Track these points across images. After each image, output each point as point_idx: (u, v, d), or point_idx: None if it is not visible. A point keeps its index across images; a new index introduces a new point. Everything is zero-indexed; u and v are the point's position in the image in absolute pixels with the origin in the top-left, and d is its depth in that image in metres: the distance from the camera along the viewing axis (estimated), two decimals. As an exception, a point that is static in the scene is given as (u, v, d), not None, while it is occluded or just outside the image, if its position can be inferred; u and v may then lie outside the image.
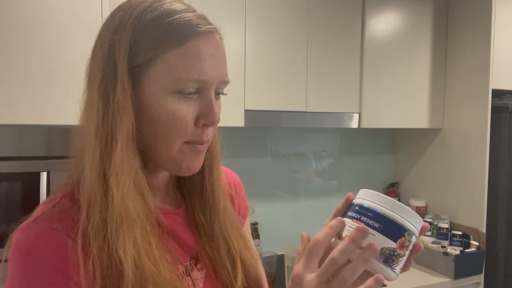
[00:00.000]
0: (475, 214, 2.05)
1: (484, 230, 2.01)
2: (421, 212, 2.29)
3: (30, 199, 1.27)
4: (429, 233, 2.13)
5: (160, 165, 0.59)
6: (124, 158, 0.52)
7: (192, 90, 0.54)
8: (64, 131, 1.32)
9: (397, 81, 2.09)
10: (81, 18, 1.33)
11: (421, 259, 2.04)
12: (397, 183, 2.53)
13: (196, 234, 0.65)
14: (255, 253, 0.70)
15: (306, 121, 1.89)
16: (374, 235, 0.50)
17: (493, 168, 2.03)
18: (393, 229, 0.50)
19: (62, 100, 1.31)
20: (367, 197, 0.53)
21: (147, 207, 0.54)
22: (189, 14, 0.55)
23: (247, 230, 0.75)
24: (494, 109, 2.00)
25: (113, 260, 0.49)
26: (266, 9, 1.75)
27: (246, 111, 1.72)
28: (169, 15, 0.54)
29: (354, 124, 2.01)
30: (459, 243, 2.01)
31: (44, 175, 1.27)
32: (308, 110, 1.87)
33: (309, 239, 0.55)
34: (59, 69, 1.31)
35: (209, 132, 0.58)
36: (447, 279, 1.88)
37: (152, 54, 0.53)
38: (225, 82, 0.58)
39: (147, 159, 0.57)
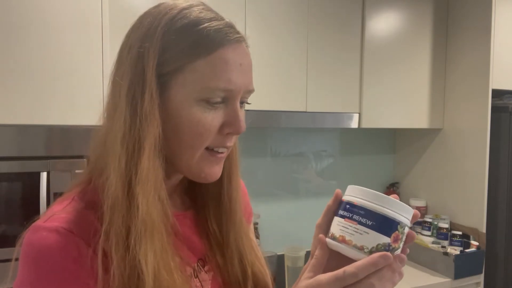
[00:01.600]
0: (475, 214, 2.05)
1: (484, 230, 2.01)
2: (421, 212, 2.29)
3: (30, 199, 1.27)
4: (429, 233, 2.13)
5: (179, 171, 0.59)
6: (150, 167, 0.52)
7: (219, 99, 0.55)
8: (64, 131, 1.32)
9: (397, 81, 2.09)
10: (80, 18, 1.33)
11: (421, 259, 2.04)
12: (397, 183, 2.53)
13: (205, 238, 0.65)
14: (265, 264, 0.70)
15: (306, 121, 1.89)
16: (368, 233, 0.50)
17: (493, 168, 2.03)
18: (386, 225, 0.51)
19: (62, 100, 1.31)
20: (356, 194, 0.53)
21: (166, 215, 0.54)
22: (218, 22, 0.55)
23: (251, 234, 0.75)
24: (494, 109, 2.00)
25: (134, 269, 0.49)
26: (266, 9, 1.75)
27: (246, 111, 1.72)
28: (198, 23, 0.54)
29: (354, 124, 2.01)
30: (459, 243, 2.01)
31: (44, 175, 1.27)
32: (308, 110, 1.87)
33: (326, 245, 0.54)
34: (60, 69, 1.31)
35: (233, 139, 0.59)
36: (447, 279, 1.88)
37: (180, 63, 0.53)
38: (250, 91, 0.59)
39: (167, 165, 0.57)
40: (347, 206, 0.53)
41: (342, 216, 0.53)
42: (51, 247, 0.49)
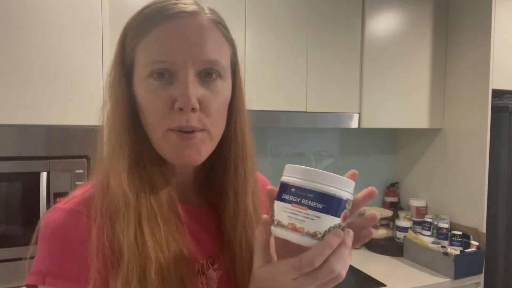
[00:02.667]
0: (475, 214, 2.05)
1: (484, 230, 2.01)
2: (421, 212, 2.29)
3: (30, 199, 1.27)
4: (429, 233, 2.13)
5: (162, 156, 0.59)
6: (117, 145, 0.56)
7: (160, 71, 0.54)
8: (64, 131, 1.32)
9: (397, 81, 2.09)
10: (81, 18, 1.33)
11: (421, 259, 2.04)
12: (397, 183, 2.53)
13: (217, 236, 0.64)
14: None
15: (306, 121, 1.89)
16: (319, 217, 0.46)
17: (493, 168, 2.03)
18: (336, 205, 0.47)
19: (62, 100, 1.31)
20: (299, 175, 0.48)
21: (155, 193, 0.56)
22: (171, 1, 0.56)
23: None
24: (494, 109, 2.00)
25: (115, 244, 0.52)
26: (266, 9, 1.75)
27: (246, 111, 1.72)
28: (146, 7, 0.57)
29: (354, 124, 2.01)
30: (459, 243, 2.01)
31: (44, 175, 1.27)
32: (308, 110, 1.87)
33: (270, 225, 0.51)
34: (60, 69, 1.31)
35: (190, 118, 0.54)
36: (447, 279, 1.88)
37: (131, 47, 0.57)
38: (209, 61, 0.55)
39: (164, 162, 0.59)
40: (292, 189, 0.48)
41: (289, 201, 0.48)
42: (63, 226, 0.52)
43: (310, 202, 0.47)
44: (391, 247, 2.20)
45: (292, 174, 0.49)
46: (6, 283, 1.26)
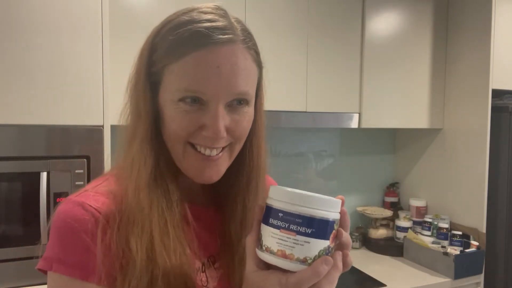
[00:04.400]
0: (475, 214, 2.05)
1: (484, 230, 2.01)
2: (421, 212, 2.29)
3: (30, 199, 1.27)
4: (429, 233, 2.13)
5: (180, 168, 0.61)
6: (136, 156, 0.57)
7: (189, 100, 0.55)
8: (64, 131, 1.32)
9: (397, 81, 2.09)
10: (81, 18, 1.33)
11: (421, 259, 2.04)
12: (397, 183, 2.53)
13: (220, 237, 0.65)
14: None
15: (306, 121, 1.89)
16: (309, 243, 0.46)
17: (493, 168, 2.03)
18: (324, 228, 0.46)
19: (62, 100, 1.31)
20: (285, 199, 0.47)
21: (168, 200, 0.58)
22: (204, 24, 0.55)
23: None
24: (494, 109, 2.00)
25: (126, 250, 0.54)
26: (266, 9, 1.75)
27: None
28: (180, 26, 0.56)
29: (354, 124, 2.01)
30: (459, 243, 2.01)
31: (44, 175, 1.27)
32: (308, 110, 1.87)
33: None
34: (60, 70, 1.31)
35: (217, 142, 0.56)
36: (447, 279, 1.88)
37: (162, 64, 0.56)
38: (240, 93, 0.56)
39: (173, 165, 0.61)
40: (280, 214, 0.47)
41: (277, 227, 0.47)
42: (74, 218, 0.54)
43: (299, 227, 0.46)
44: (391, 247, 2.20)
45: (278, 198, 0.48)
46: (6, 283, 1.26)
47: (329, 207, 0.47)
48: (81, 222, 0.54)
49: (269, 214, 0.48)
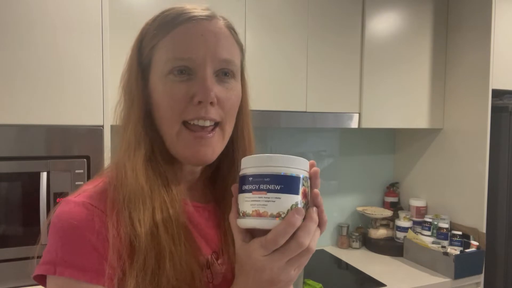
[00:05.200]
0: (475, 214, 2.05)
1: (484, 230, 2.01)
2: (421, 212, 2.29)
3: (30, 199, 1.27)
4: (429, 233, 2.13)
5: (174, 155, 0.61)
6: (132, 140, 0.59)
7: (181, 68, 0.58)
8: (64, 131, 1.32)
9: (397, 81, 2.09)
10: (81, 18, 1.33)
11: (421, 259, 2.04)
12: (397, 183, 2.53)
13: (221, 232, 0.66)
14: None
15: (306, 121, 1.89)
16: (280, 198, 0.49)
17: (493, 168, 2.03)
18: (293, 184, 0.50)
19: (62, 100, 1.31)
20: (252, 165, 0.51)
21: (169, 192, 0.59)
22: (189, 9, 0.60)
23: None
24: (494, 109, 2.00)
25: (131, 232, 0.54)
26: (266, 9, 1.75)
27: (251, 113, 1.72)
28: (165, 11, 0.61)
29: (354, 124, 2.01)
30: (459, 243, 2.01)
31: (44, 175, 1.27)
32: (308, 110, 1.87)
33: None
34: (60, 69, 1.31)
35: (209, 110, 0.58)
36: (447, 279, 1.88)
37: (151, 45, 0.60)
38: (225, 60, 0.60)
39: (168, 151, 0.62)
40: (250, 178, 0.51)
41: (248, 191, 0.50)
42: (76, 218, 0.54)
43: (268, 185, 0.49)
44: (391, 247, 2.20)
45: (247, 165, 0.52)
46: (6, 283, 1.26)
47: (294, 165, 0.51)
48: (85, 222, 0.53)
49: (241, 183, 0.52)
